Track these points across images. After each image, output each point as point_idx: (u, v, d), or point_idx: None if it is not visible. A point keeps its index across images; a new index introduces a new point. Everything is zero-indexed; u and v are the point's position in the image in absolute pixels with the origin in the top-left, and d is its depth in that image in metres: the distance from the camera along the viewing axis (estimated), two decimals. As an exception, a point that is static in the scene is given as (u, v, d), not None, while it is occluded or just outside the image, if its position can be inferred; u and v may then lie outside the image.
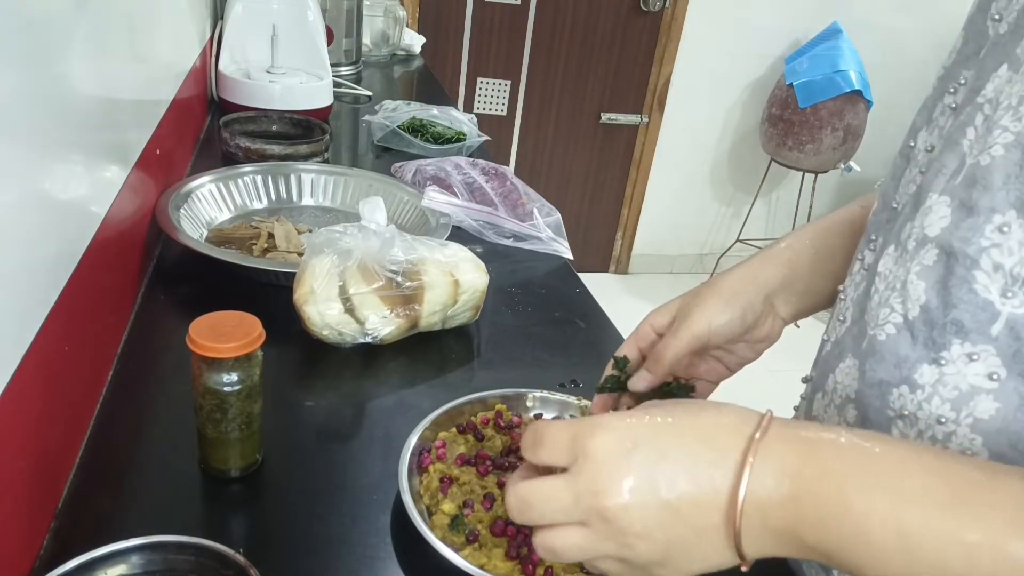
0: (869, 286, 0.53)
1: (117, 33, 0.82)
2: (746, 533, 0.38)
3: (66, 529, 0.57)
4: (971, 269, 0.44)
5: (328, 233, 0.81)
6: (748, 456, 0.38)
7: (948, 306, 0.45)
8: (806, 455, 0.38)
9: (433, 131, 1.46)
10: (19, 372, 0.50)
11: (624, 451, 0.40)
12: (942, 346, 0.46)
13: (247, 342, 0.59)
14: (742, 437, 0.39)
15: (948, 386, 0.46)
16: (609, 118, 3.11)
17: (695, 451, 0.40)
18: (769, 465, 0.38)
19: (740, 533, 0.38)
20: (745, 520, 0.38)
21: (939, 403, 0.46)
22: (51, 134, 0.59)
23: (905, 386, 0.48)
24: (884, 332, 0.49)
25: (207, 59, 1.51)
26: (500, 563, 0.56)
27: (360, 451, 0.70)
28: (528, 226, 1.13)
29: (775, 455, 0.38)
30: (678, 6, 2.92)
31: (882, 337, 0.49)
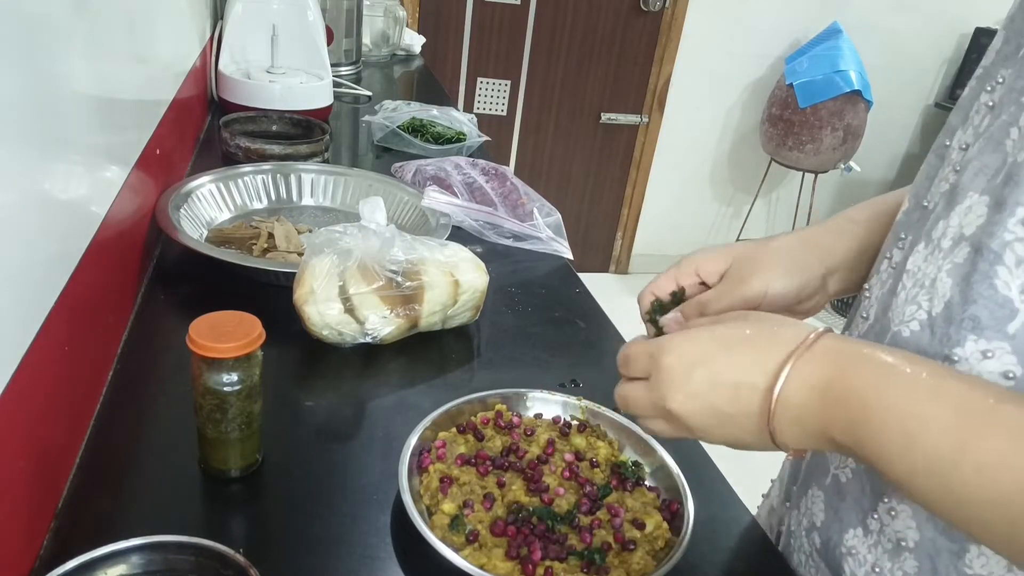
0: (896, 284, 0.53)
1: (117, 33, 0.82)
2: (781, 432, 0.46)
3: (66, 529, 0.57)
4: (994, 264, 0.45)
5: (328, 233, 0.81)
6: (783, 372, 0.45)
7: (967, 301, 0.46)
8: (840, 371, 0.44)
9: (433, 131, 1.46)
10: (19, 372, 0.50)
11: (685, 369, 0.49)
12: (956, 343, 0.47)
13: (247, 342, 0.59)
14: (785, 352, 0.46)
15: None
16: (609, 118, 3.11)
17: (743, 367, 0.47)
18: (803, 381, 0.45)
19: (775, 433, 0.46)
20: (778, 425, 0.46)
21: None
22: (51, 134, 0.59)
23: None
24: (908, 328, 0.51)
25: (207, 59, 1.51)
26: (500, 563, 0.57)
27: (360, 451, 0.70)
28: (528, 226, 1.13)
29: (810, 369, 0.45)
30: (678, 6, 2.92)
31: (906, 334, 0.51)
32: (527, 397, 0.74)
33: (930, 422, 0.40)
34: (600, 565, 0.57)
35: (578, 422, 0.72)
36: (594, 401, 0.73)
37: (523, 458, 0.67)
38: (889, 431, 0.41)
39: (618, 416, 0.72)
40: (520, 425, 0.71)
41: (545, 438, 0.69)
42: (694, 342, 0.50)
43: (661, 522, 0.62)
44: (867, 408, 0.42)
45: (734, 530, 0.67)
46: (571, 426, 0.71)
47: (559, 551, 0.58)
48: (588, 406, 0.73)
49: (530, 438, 0.70)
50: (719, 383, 0.48)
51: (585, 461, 0.68)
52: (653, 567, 0.57)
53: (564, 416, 0.73)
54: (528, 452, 0.68)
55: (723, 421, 0.48)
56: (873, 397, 0.42)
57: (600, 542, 0.59)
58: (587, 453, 0.69)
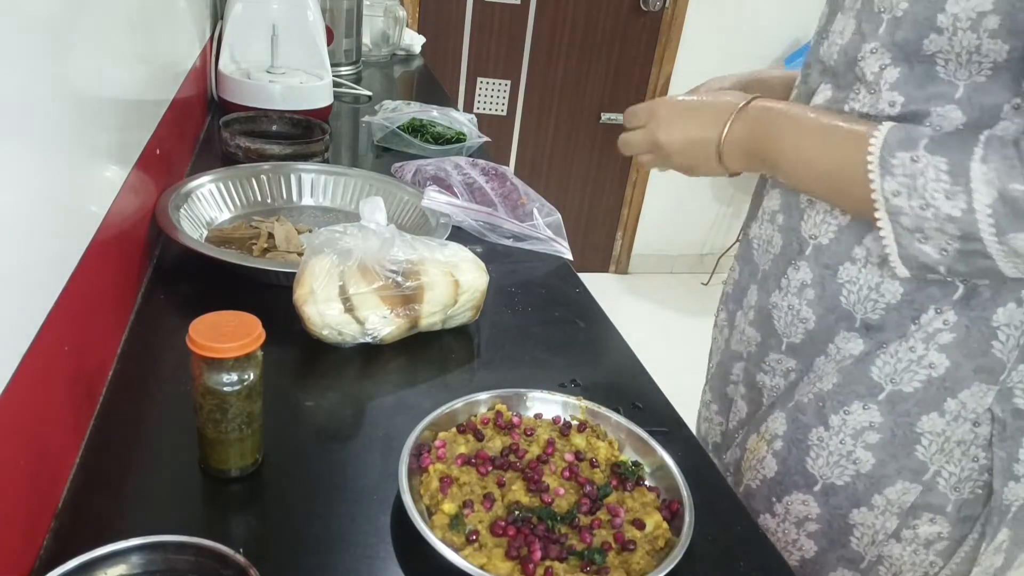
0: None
1: (117, 33, 0.82)
2: (727, 151, 0.77)
3: (66, 529, 0.57)
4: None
5: (328, 233, 0.81)
6: (733, 111, 0.76)
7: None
8: (766, 120, 0.74)
9: (433, 131, 1.46)
10: (19, 372, 0.50)
11: (673, 116, 0.81)
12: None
13: (247, 342, 0.59)
14: (735, 105, 0.77)
15: None
16: (609, 118, 3.11)
17: (708, 116, 0.78)
18: (742, 117, 0.76)
19: (722, 151, 0.77)
20: (726, 144, 0.77)
21: None
22: (51, 134, 0.59)
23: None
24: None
25: (207, 59, 1.51)
26: (500, 563, 0.57)
27: (360, 451, 0.70)
28: (528, 226, 1.13)
29: (745, 122, 0.76)
30: (678, 6, 2.92)
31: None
32: (527, 397, 0.74)
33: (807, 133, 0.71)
34: (600, 565, 0.57)
35: (578, 422, 0.72)
36: (594, 401, 0.73)
37: (523, 458, 0.67)
38: (787, 139, 0.72)
39: (618, 416, 0.72)
40: (520, 425, 0.71)
41: (545, 438, 0.70)
42: (678, 99, 0.83)
43: (661, 522, 0.62)
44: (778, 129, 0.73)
45: (734, 530, 0.67)
46: (571, 426, 0.71)
47: (559, 551, 0.58)
48: (588, 406, 0.73)
49: (530, 438, 0.70)
50: (692, 117, 0.80)
51: (585, 461, 0.68)
52: (653, 567, 0.57)
53: (564, 416, 0.73)
54: (528, 452, 0.68)
55: (692, 145, 0.79)
56: (779, 127, 0.73)
57: (600, 542, 0.59)
58: (587, 453, 0.69)
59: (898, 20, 0.66)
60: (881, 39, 0.67)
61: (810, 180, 0.72)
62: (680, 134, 0.79)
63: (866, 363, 0.73)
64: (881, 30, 0.67)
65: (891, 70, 0.67)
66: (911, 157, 0.61)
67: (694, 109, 0.80)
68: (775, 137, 0.73)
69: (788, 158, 0.72)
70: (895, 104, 0.67)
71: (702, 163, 0.80)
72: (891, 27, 0.66)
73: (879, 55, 0.68)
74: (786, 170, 0.73)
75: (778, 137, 0.72)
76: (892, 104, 0.67)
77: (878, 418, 0.73)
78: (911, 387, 0.71)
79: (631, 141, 0.84)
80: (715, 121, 0.77)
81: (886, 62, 0.67)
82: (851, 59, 0.71)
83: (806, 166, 0.71)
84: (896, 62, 0.67)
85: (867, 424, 0.73)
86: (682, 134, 0.79)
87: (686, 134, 0.79)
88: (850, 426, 0.74)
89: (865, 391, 0.73)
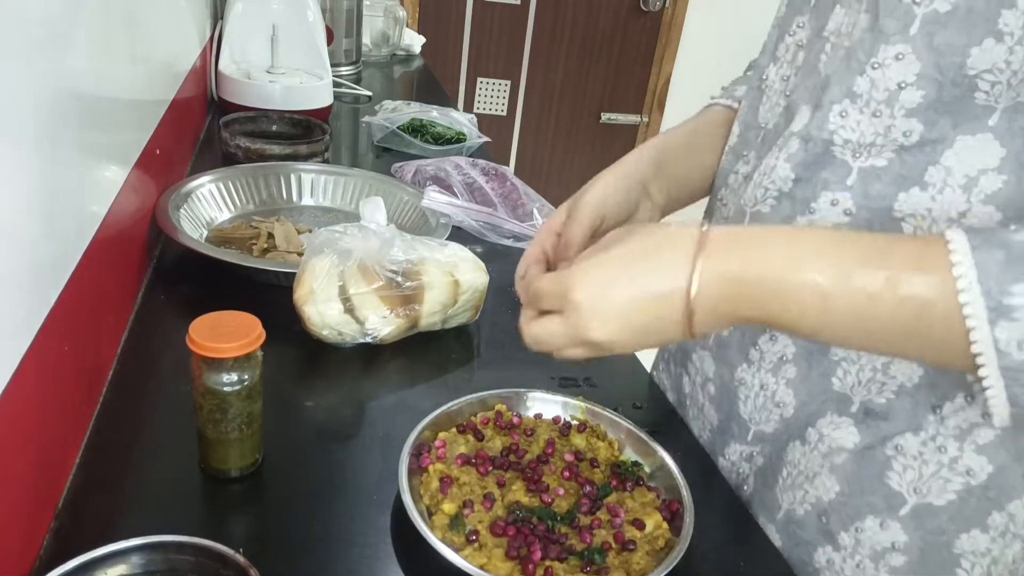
0: (747, 184, 0.67)
1: (117, 33, 0.82)
2: (699, 323, 0.49)
3: (66, 529, 0.57)
4: (827, 148, 0.59)
5: (328, 233, 0.81)
6: (695, 270, 0.48)
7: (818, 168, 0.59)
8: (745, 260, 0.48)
9: (433, 131, 1.46)
10: (19, 372, 0.50)
11: (600, 295, 0.50)
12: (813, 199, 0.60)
13: (247, 342, 0.59)
14: (688, 251, 0.48)
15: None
16: (609, 118, 3.11)
17: (655, 276, 0.49)
18: (715, 273, 0.48)
19: (694, 327, 0.49)
20: (697, 318, 0.48)
21: None
22: (51, 134, 0.59)
23: None
24: (768, 205, 0.63)
25: (207, 59, 1.51)
26: (500, 563, 0.56)
27: (360, 451, 0.70)
28: (528, 226, 1.13)
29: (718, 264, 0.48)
30: (678, 6, 2.92)
31: (766, 210, 0.64)
32: (527, 397, 0.74)
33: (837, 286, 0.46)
34: (600, 565, 0.57)
35: (578, 422, 0.72)
36: (594, 401, 0.73)
37: (523, 458, 0.67)
38: (806, 302, 0.46)
39: (618, 416, 0.72)
40: (520, 425, 0.71)
41: (545, 438, 0.70)
42: (600, 267, 0.51)
43: (661, 522, 0.62)
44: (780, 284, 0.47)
45: (734, 530, 0.67)
46: (571, 426, 0.71)
47: (559, 551, 0.58)
48: (588, 406, 0.73)
49: (530, 438, 0.70)
50: (636, 299, 0.50)
51: (585, 461, 0.68)
52: (653, 567, 0.57)
53: (564, 416, 0.73)
54: (528, 452, 0.68)
55: (645, 333, 0.50)
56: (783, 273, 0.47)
57: (600, 542, 0.59)
58: (587, 453, 0.69)
59: (940, 17, 0.51)
60: (914, 43, 0.52)
61: (852, 340, 0.48)
62: (618, 321, 0.50)
63: (874, 465, 0.60)
64: (913, 29, 0.52)
65: (912, 92, 0.53)
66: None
67: (626, 276, 0.50)
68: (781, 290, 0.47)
69: (809, 320, 0.47)
70: (911, 134, 0.54)
71: (662, 341, 0.52)
72: (929, 26, 0.51)
73: (905, 65, 0.53)
74: (808, 332, 0.48)
75: (787, 291, 0.47)
76: (907, 134, 0.54)
77: (902, 537, 0.59)
78: (943, 499, 0.58)
79: (543, 337, 0.54)
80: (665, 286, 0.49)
81: (909, 79, 0.53)
82: (859, 63, 0.56)
83: (848, 327, 0.47)
84: (923, 82, 0.53)
85: (888, 545, 0.60)
86: (622, 320, 0.50)
87: (629, 320, 0.50)
88: (867, 546, 0.61)
89: (883, 504, 0.59)
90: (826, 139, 0.59)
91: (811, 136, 0.60)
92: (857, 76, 0.56)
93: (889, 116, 0.55)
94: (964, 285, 0.42)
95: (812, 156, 0.60)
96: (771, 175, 0.63)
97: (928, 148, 0.54)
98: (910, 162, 0.55)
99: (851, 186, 0.58)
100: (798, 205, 0.61)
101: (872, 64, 0.55)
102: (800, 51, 0.65)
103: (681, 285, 0.48)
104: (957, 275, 0.42)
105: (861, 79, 0.56)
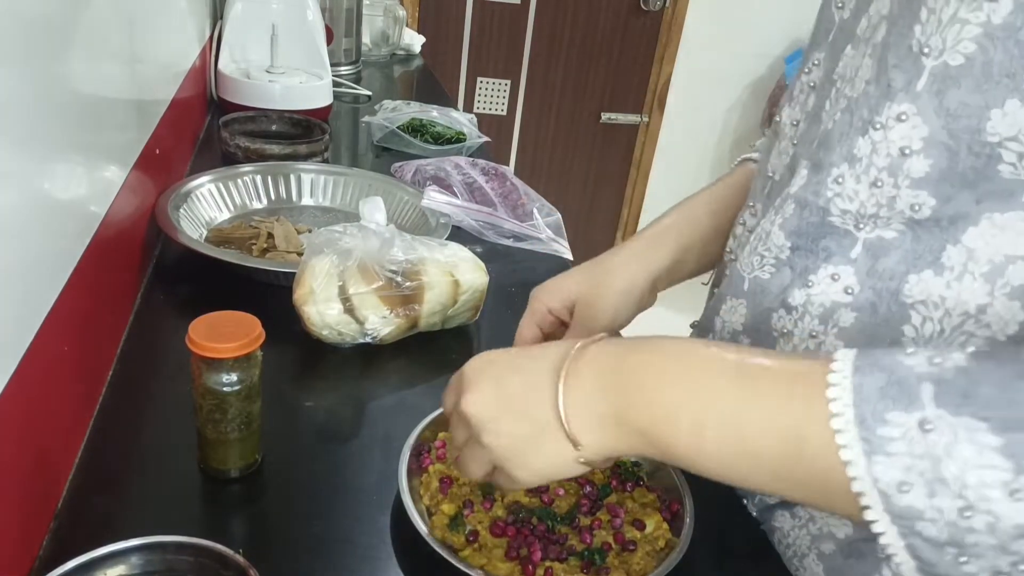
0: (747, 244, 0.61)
1: (117, 33, 0.82)
2: (573, 417, 0.46)
3: (66, 529, 0.57)
4: (824, 217, 0.52)
5: (328, 233, 0.81)
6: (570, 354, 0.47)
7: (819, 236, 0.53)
8: (623, 354, 0.46)
9: (433, 131, 1.46)
10: (19, 372, 0.50)
11: (481, 368, 0.51)
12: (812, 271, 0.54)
13: (247, 342, 0.59)
14: (574, 344, 0.48)
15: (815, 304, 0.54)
16: (609, 118, 3.11)
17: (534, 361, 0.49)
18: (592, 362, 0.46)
19: (568, 420, 0.46)
20: (570, 409, 0.46)
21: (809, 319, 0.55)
22: (50, 134, 0.59)
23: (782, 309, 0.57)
24: (766, 272, 0.58)
25: (207, 59, 1.51)
26: (500, 563, 0.56)
27: (360, 451, 0.70)
28: (528, 226, 1.13)
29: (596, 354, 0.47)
30: (678, 6, 2.92)
31: (765, 277, 0.58)
32: (527, 397, 0.74)
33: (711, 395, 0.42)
34: (600, 565, 0.57)
35: (578, 422, 0.72)
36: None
37: (523, 458, 0.67)
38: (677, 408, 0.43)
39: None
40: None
41: (545, 438, 0.69)
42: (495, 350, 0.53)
43: (661, 522, 0.62)
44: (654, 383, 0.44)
45: (734, 530, 0.67)
46: (571, 426, 0.71)
47: (559, 551, 0.58)
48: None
49: (530, 438, 0.70)
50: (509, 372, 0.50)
51: (585, 461, 0.68)
52: (653, 567, 0.57)
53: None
54: (528, 452, 0.68)
55: (511, 412, 0.48)
56: (656, 372, 0.44)
57: (600, 542, 0.59)
58: (587, 453, 0.69)
59: (952, 72, 0.43)
60: (919, 101, 0.45)
61: (737, 475, 0.43)
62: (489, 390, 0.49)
63: None
64: (920, 84, 0.45)
65: (918, 160, 0.46)
66: (918, 421, 0.36)
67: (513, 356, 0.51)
68: (648, 389, 0.44)
69: (679, 430, 0.43)
70: (919, 207, 0.47)
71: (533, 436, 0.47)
72: (939, 82, 0.44)
73: (909, 128, 0.46)
74: (680, 452, 0.43)
75: (653, 389, 0.44)
76: (916, 207, 0.47)
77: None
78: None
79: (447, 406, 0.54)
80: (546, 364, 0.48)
81: (914, 145, 0.46)
82: (862, 121, 0.49)
83: (717, 443, 0.42)
84: (931, 149, 0.45)
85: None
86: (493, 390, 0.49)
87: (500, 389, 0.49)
88: None
89: None
90: (822, 206, 0.52)
91: (807, 202, 0.53)
92: (859, 137, 0.49)
93: (892, 186, 0.48)
94: (837, 409, 0.37)
95: (807, 225, 0.54)
96: (766, 241, 0.57)
97: (946, 223, 0.46)
98: (924, 238, 0.48)
99: (855, 259, 0.51)
100: (797, 277, 0.55)
101: (875, 124, 0.48)
102: (812, 94, 0.58)
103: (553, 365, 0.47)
104: (831, 397, 0.38)
105: (862, 140, 0.49)
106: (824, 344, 0.54)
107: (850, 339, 0.53)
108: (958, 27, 0.42)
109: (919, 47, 0.45)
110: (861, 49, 0.51)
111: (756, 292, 0.59)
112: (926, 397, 0.36)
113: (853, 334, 0.52)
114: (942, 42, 0.43)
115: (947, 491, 0.35)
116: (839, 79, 0.53)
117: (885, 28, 0.48)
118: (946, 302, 0.47)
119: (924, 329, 0.48)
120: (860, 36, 0.52)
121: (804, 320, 0.55)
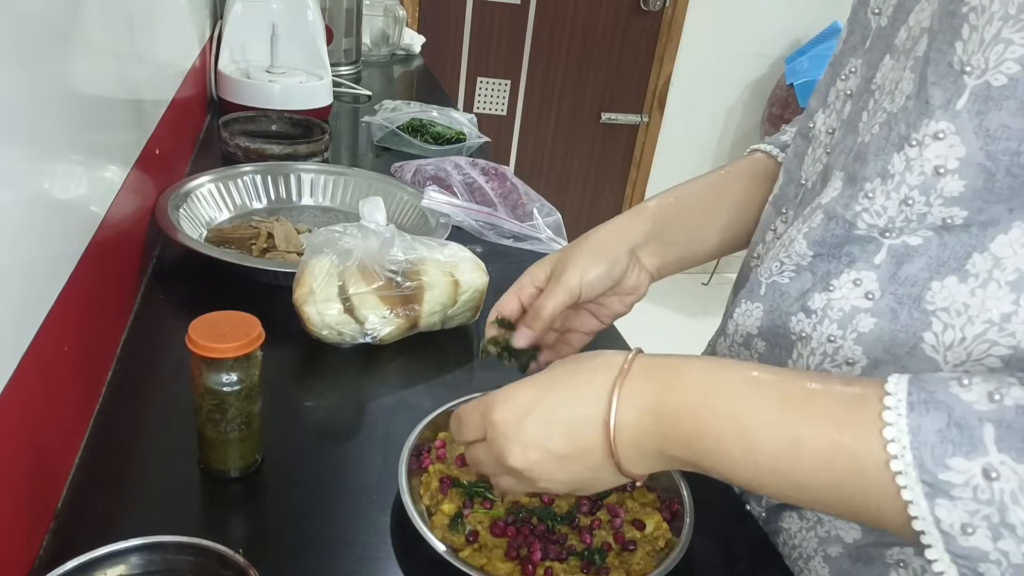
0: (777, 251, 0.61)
1: (116, 33, 0.82)
2: (625, 458, 0.47)
3: (66, 529, 0.57)
4: (850, 230, 0.52)
5: (328, 233, 0.81)
6: (612, 398, 0.46)
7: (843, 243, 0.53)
8: (664, 385, 0.46)
9: (433, 131, 1.46)
10: (19, 372, 0.50)
11: (517, 421, 0.49)
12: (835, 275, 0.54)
13: (247, 342, 0.59)
14: (609, 378, 0.47)
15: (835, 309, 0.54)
16: (609, 118, 3.11)
17: (571, 402, 0.48)
18: (633, 402, 0.46)
19: (620, 461, 0.47)
20: (621, 452, 0.46)
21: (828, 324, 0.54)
22: (50, 134, 0.59)
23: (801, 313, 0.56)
24: (786, 278, 0.58)
25: (207, 59, 1.51)
26: (500, 563, 0.56)
27: (360, 451, 0.70)
28: (528, 226, 1.13)
29: (637, 393, 0.46)
30: (678, 6, 2.92)
31: (784, 281, 0.58)
32: (527, 397, 0.74)
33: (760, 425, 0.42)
34: (600, 565, 0.57)
35: (578, 422, 0.72)
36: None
37: (523, 458, 0.67)
38: (727, 441, 0.43)
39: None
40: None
41: (545, 438, 0.69)
42: (519, 390, 0.50)
43: (661, 522, 0.62)
44: (699, 420, 0.44)
45: (734, 530, 0.67)
46: (571, 426, 0.71)
47: (559, 551, 0.58)
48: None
49: (530, 438, 0.70)
50: (551, 423, 0.48)
51: (585, 461, 0.68)
52: (653, 567, 0.57)
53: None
54: (528, 452, 0.68)
55: (565, 463, 0.48)
56: (701, 407, 0.44)
57: (600, 542, 0.59)
58: (587, 453, 0.69)
59: (994, 93, 0.43)
60: (959, 120, 0.44)
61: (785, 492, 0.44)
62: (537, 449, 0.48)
63: None
64: (960, 103, 0.44)
65: (953, 180, 0.45)
66: (982, 469, 0.36)
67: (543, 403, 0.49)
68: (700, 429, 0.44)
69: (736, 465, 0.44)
70: (953, 219, 0.47)
71: (591, 477, 0.49)
72: (980, 102, 0.43)
73: (946, 147, 0.45)
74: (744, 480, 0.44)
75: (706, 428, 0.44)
76: (948, 220, 0.47)
77: None
78: None
79: (479, 462, 0.54)
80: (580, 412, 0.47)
81: (950, 165, 0.45)
82: (899, 137, 0.48)
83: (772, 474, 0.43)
84: (967, 170, 0.45)
85: None
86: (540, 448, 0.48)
87: (547, 448, 0.48)
88: None
89: None
90: (850, 220, 0.52)
91: (836, 214, 0.53)
92: (895, 152, 0.48)
93: (924, 204, 0.47)
94: (896, 451, 0.37)
95: (832, 236, 0.53)
96: (788, 248, 0.57)
97: (975, 229, 0.46)
98: (951, 244, 0.47)
99: (878, 265, 0.51)
100: (818, 281, 0.55)
101: (911, 140, 0.47)
102: (848, 101, 0.57)
103: (597, 413, 0.46)
104: (888, 438, 0.38)
105: (898, 156, 0.48)
106: (842, 349, 0.54)
107: (868, 344, 0.52)
108: (1002, 47, 0.42)
109: (960, 65, 0.44)
110: (902, 61, 0.50)
111: (774, 296, 0.59)
112: (988, 441, 0.36)
113: (872, 340, 0.52)
114: (984, 61, 0.43)
115: (1013, 536, 0.35)
116: (877, 90, 0.53)
117: (926, 42, 0.47)
118: (969, 309, 0.46)
119: (945, 336, 0.48)
120: (900, 47, 0.51)
121: (823, 324, 0.55)
